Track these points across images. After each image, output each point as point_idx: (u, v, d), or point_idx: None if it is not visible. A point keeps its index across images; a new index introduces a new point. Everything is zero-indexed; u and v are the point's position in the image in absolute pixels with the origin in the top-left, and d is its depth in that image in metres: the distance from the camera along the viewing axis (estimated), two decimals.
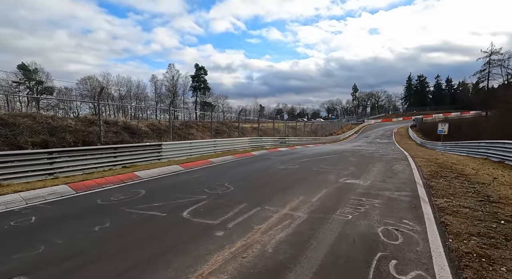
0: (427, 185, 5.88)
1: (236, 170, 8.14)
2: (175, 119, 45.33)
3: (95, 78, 57.31)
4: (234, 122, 22.72)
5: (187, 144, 11.58)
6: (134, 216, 3.79)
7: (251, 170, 8.14)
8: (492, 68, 50.15)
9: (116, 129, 11.30)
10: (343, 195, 4.89)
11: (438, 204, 4.36)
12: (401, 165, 9.04)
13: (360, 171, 7.53)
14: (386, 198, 4.73)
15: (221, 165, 9.21)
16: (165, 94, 68.08)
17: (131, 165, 8.74)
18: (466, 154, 13.78)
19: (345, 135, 42.93)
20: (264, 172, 7.75)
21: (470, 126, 34.27)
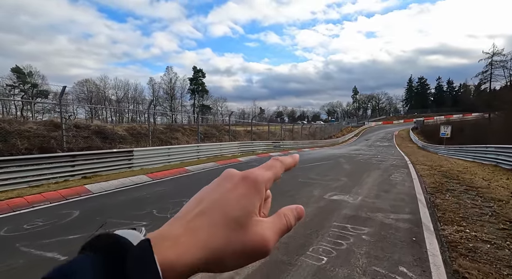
0: (431, 202, 4.79)
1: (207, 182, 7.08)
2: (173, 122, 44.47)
3: (92, 81, 56.68)
4: (226, 125, 21.74)
5: (165, 149, 10.54)
6: (21, 261, 2.73)
7: None
8: (494, 70, 49.15)
9: (86, 134, 10.29)
10: (323, 220, 3.81)
11: (447, 235, 3.27)
12: (400, 173, 7.95)
13: (352, 183, 6.45)
14: (379, 224, 3.66)
15: (196, 175, 8.15)
16: (163, 97, 67.45)
17: (93, 175, 7.70)
18: (472, 159, 12.66)
19: (345, 139, 41.81)
20: None
21: (474, 129, 33.12)
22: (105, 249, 0.20)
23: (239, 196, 0.26)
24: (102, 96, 57.03)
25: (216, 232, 0.24)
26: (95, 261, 0.19)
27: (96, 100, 55.81)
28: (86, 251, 0.20)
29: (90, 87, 55.01)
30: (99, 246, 0.20)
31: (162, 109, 66.40)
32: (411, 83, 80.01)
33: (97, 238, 0.20)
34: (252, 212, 0.26)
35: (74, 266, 0.18)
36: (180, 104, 69.65)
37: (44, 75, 50.23)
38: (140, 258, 0.20)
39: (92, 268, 0.18)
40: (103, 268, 0.19)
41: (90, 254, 0.19)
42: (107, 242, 0.20)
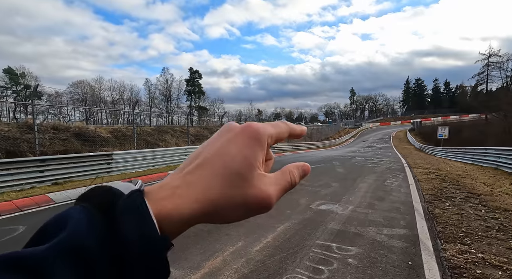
0: (430, 213, 4.27)
1: None
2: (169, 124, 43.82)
3: (87, 83, 55.88)
4: (218, 126, 21.18)
5: (149, 152, 9.96)
6: None
7: None
8: (491, 71, 49.05)
9: (65, 136, 9.69)
10: (305, 237, 3.27)
11: (449, 257, 2.75)
12: (396, 178, 7.44)
13: (343, 189, 5.92)
14: (369, 242, 3.12)
15: None
16: (159, 98, 66.89)
17: (65, 181, 7.12)
18: (471, 161, 12.20)
19: (342, 140, 41.41)
20: None
21: (471, 130, 32.86)
22: (96, 199, 0.20)
23: (240, 146, 0.25)
24: (97, 98, 56.30)
25: (216, 184, 0.23)
26: (87, 211, 0.19)
27: (91, 102, 55.07)
28: (79, 202, 0.20)
29: (85, 89, 54.23)
30: (92, 198, 0.20)
31: (158, 111, 65.83)
32: (408, 85, 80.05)
33: (90, 190, 0.21)
34: (254, 165, 0.24)
35: (64, 215, 0.18)
36: (176, 106, 69.08)
37: (37, 76, 49.39)
38: (131, 208, 0.19)
39: (82, 216, 0.18)
40: (95, 218, 0.19)
41: (81, 204, 0.20)
42: (99, 194, 0.20)
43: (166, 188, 0.23)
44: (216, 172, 0.23)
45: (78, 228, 0.18)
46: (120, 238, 0.18)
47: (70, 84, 53.58)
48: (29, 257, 0.16)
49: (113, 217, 0.19)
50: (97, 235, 0.18)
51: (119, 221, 0.19)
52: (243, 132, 0.26)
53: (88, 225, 0.18)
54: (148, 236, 0.19)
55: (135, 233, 0.19)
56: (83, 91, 53.64)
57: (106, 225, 0.18)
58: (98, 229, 0.18)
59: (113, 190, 0.20)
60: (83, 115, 55.45)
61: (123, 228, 0.18)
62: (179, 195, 0.22)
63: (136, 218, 0.19)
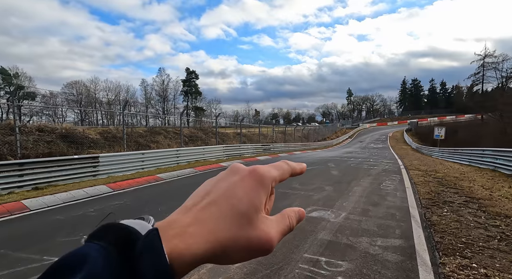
0: (427, 220, 4.02)
1: (177, 192, 6.23)
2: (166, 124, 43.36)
3: (82, 83, 55.17)
4: (214, 127, 20.84)
5: (138, 154, 9.63)
6: None
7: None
8: (487, 71, 49.27)
9: (50, 138, 9.33)
10: (292, 250, 3.00)
11: (449, 274, 2.48)
12: (392, 181, 7.21)
13: (337, 194, 5.66)
14: (362, 255, 2.86)
15: (168, 183, 7.28)
16: (156, 99, 66.45)
17: (47, 186, 6.77)
18: (468, 162, 12.04)
19: (339, 140, 41.30)
20: None
21: (467, 130, 32.90)
22: (114, 238, 0.19)
23: (247, 189, 0.26)
24: (92, 99, 55.69)
25: (225, 224, 0.24)
26: (104, 249, 0.19)
27: (86, 102, 54.44)
28: (93, 239, 0.19)
29: (80, 89, 53.59)
30: (107, 235, 0.20)
31: (155, 112, 65.32)
32: (405, 85, 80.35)
33: (104, 227, 0.20)
34: (259, 208, 0.26)
35: (82, 253, 0.18)
36: (173, 107, 68.68)
37: (31, 76, 48.70)
38: (149, 247, 0.19)
39: (101, 256, 0.18)
40: (112, 257, 0.18)
41: (98, 242, 0.19)
42: (115, 232, 0.20)
43: (176, 225, 0.23)
44: (224, 213, 0.24)
45: (95, 267, 0.17)
46: (138, 276, 0.18)
47: (64, 85, 52.84)
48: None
49: (131, 256, 0.19)
50: (114, 274, 0.18)
51: (139, 260, 0.19)
52: (250, 176, 0.27)
53: (106, 264, 0.18)
54: (164, 274, 0.19)
55: (152, 272, 0.19)
56: (78, 92, 52.98)
57: (123, 263, 0.18)
58: (115, 268, 0.18)
59: (129, 228, 0.20)
60: (78, 116, 54.77)
61: (142, 267, 0.18)
62: (190, 234, 0.22)
63: (155, 257, 0.19)
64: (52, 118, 41.25)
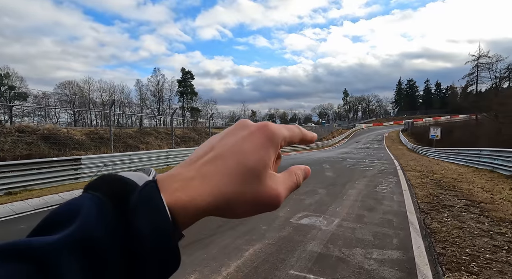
0: (427, 227, 3.70)
1: None
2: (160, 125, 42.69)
3: (76, 83, 54.20)
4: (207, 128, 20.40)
5: (125, 156, 9.20)
6: None
7: None
8: (481, 72, 49.70)
9: (31, 139, 8.85)
10: (277, 265, 2.64)
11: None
12: (388, 183, 6.90)
13: (330, 197, 5.32)
14: (355, 272, 2.51)
15: None
16: (151, 99, 65.75)
17: (22, 190, 6.31)
18: (465, 163, 11.84)
19: (335, 141, 41.13)
20: None
21: (462, 130, 32.99)
22: (109, 190, 0.19)
23: (256, 144, 0.25)
24: (86, 99, 54.81)
25: (230, 179, 0.23)
26: (99, 200, 0.18)
27: (80, 103, 53.53)
28: (89, 190, 0.19)
29: (73, 90, 52.67)
30: (102, 187, 0.19)
31: (150, 112, 64.57)
32: (401, 86, 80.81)
33: (100, 178, 0.20)
34: (267, 165, 0.25)
35: (75, 204, 0.18)
36: (168, 107, 68.05)
37: (22, 77, 47.70)
38: (145, 200, 0.19)
39: (94, 206, 0.18)
40: (107, 209, 0.18)
41: (93, 193, 0.19)
42: (110, 183, 0.19)
43: (179, 178, 0.22)
44: (230, 168, 0.23)
45: (88, 219, 0.17)
46: (133, 231, 0.18)
47: (57, 85, 51.88)
48: (37, 247, 0.15)
49: (126, 209, 0.18)
50: (109, 227, 0.17)
51: (133, 213, 0.18)
52: (259, 131, 0.25)
53: (99, 216, 0.17)
54: (162, 229, 0.18)
55: (149, 226, 0.18)
56: (71, 92, 52.05)
57: (118, 217, 0.18)
58: (110, 221, 0.17)
59: (125, 180, 0.20)
60: (71, 117, 53.73)
61: (137, 221, 0.18)
62: (194, 187, 0.22)
63: (151, 211, 0.18)
64: (44, 119, 40.38)
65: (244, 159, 0.23)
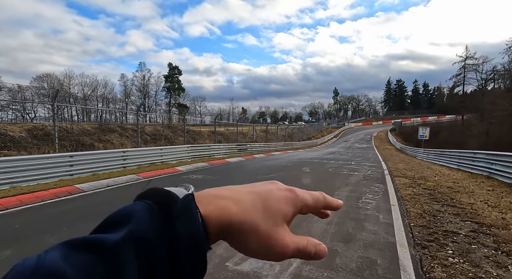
0: (427, 276, 2.47)
1: (82, 215, 4.40)
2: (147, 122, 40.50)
3: (55, 77, 50.91)
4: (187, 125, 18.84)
5: (65, 157, 7.63)
6: None
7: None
8: (467, 73, 50.07)
9: None
10: None
11: None
12: (374, 193, 5.72)
13: (296, 219, 4.05)
14: None
15: (82, 199, 5.39)
16: (136, 95, 63.11)
17: None
18: (457, 166, 10.93)
19: (324, 140, 40.34)
20: None
21: (450, 130, 32.82)
22: (157, 199, 0.23)
23: (281, 199, 0.28)
24: (66, 93, 51.70)
25: (256, 212, 0.26)
26: (149, 207, 0.22)
27: (59, 97, 50.43)
28: (141, 199, 0.23)
29: (52, 83, 49.47)
30: (152, 196, 0.23)
31: (135, 108, 61.90)
32: (390, 86, 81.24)
33: (149, 190, 0.24)
34: (286, 217, 0.28)
35: (131, 208, 0.22)
36: (154, 103, 65.57)
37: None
38: (185, 208, 0.23)
39: (147, 212, 0.22)
40: (156, 213, 0.22)
41: (145, 201, 0.23)
42: (158, 194, 0.24)
43: (213, 194, 0.26)
44: (258, 205, 0.27)
45: (143, 221, 0.21)
46: (174, 235, 0.21)
47: (34, 78, 48.59)
48: (103, 242, 0.19)
49: (171, 216, 0.22)
50: (158, 229, 0.21)
51: (175, 220, 0.22)
52: (286, 190, 0.29)
53: (151, 220, 0.21)
54: (196, 235, 0.22)
55: (186, 231, 0.22)
56: (49, 85, 48.88)
57: (165, 221, 0.22)
58: (158, 224, 0.21)
59: (169, 192, 0.24)
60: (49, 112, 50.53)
61: (178, 227, 0.22)
62: (224, 203, 0.25)
63: (189, 218, 0.22)
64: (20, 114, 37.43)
65: (270, 202, 0.27)
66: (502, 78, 42.93)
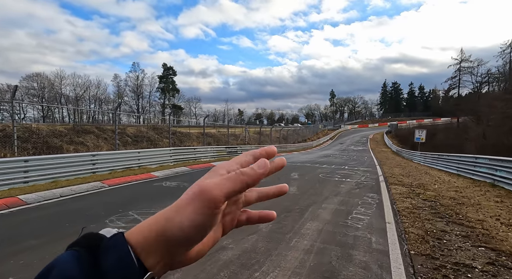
0: None
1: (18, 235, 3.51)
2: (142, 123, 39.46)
3: (45, 76, 49.55)
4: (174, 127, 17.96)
5: (19, 162, 6.71)
6: None
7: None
8: (463, 75, 50.04)
9: None
10: None
11: None
12: (367, 207, 4.92)
13: (269, 244, 3.22)
14: None
15: (33, 212, 4.50)
16: (129, 95, 61.95)
17: None
18: (456, 171, 10.24)
19: (319, 142, 39.66)
20: None
21: (445, 133, 32.40)
22: (84, 243, 0.24)
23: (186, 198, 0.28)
24: (56, 93, 50.42)
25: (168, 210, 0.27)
26: (75, 253, 0.23)
27: (49, 97, 49.13)
28: (69, 247, 0.25)
29: (43, 83, 48.13)
30: (79, 242, 0.25)
31: (128, 108, 60.76)
32: (386, 88, 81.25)
33: (81, 237, 0.26)
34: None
35: (58, 259, 0.23)
36: (148, 104, 64.43)
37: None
38: (112, 245, 0.24)
39: (73, 259, 0.23)
40: (82, 257, 0.23)
41: (72, 248, 0.24)
42: (86, 238, 0.25)
43: (138, 224, 0.27)
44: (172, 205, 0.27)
45: (66, 270, 0.22)
46: (104, 270, 0.22)
47: (23, 77, 47.18)
48: None
49: (98, 254, 0.23)
50: (83, 269, 0.22)
51: (101, 260, 0.23)
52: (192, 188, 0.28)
53: (76, 262, 0.22)
54: (126, 266, 0.23)
55: (114, 268, 0.23)
56: (39, 85, 47.55)
57: (91, 261, 0.23)
58: (84, 265, 0.22)
59: (99, 235, 0.25)
60: (39, 113, 49.04)
61: (105, 265, 0.23)
62: (143, 226, 0.26)
63: (116, 255, 0.23)
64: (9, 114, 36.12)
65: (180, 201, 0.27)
66: (497, 81, 42.95)
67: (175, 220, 0.25)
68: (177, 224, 0.25)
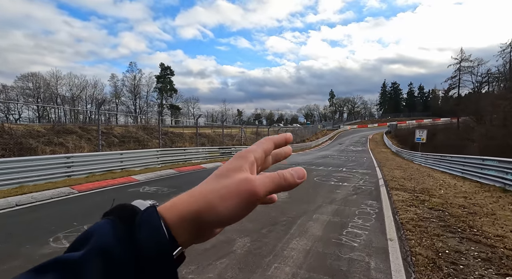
0: None
1: None
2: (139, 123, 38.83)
3: (41, 76, 48.75)
4: (165, 127, 17.32)
5: None
6: None
7: None
8: (463, 75, 49.44)
9: None
10: None
11: None
12: (365, 218, 4.26)
13: (242, 272, 2.56)
14: None
15: None
16: (126, 95, 61.19)
17: None
18: (461, 174, 9.59)
19: (318, 142, 39.00)
20: None
21: (445, 133, 31.80)
22: (120, 213, 0.25)
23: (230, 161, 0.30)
24: (52, 93, 49.64)
25: (206, 187, 0.28)
26: (111, 222, 0.24)
27: (45, 97, 48.35)
28: (104, 216, 0.26)
29: (38, 83, 47.35)
30: (114, 212, 0.26)
31: (126, 109, 60.02)
32: (385, 88, 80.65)
33: (115, 207, 0.27)
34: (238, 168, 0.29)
35: (96, 226, 0.24)
36: (146, 104, 63.71)
37: None
38: (145, 218, 0.25)
39: (109, 226, 0.24)
40: (118, 225, 0.24)
41: (107, 217, 0.25)
42: (120, 209, 0.26)
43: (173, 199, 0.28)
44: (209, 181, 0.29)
45: (104, 235, 0.23)
46: (137, 242, 0.23)
47: (18, 77, 46.35)
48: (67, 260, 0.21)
49: (132, 227, 0.24)
50: (120, 241, 0.23)
51: (137, 230, 0.24)
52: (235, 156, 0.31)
53: (113, 233, 0.23)
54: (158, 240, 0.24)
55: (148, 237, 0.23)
56: (35, 85, 46.77)
57: (126, 231, 0.24)
58: (120, 234, 0.23)
59: (133, 207, 0.26)
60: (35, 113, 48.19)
61: (139, 234, 0.23)
62: (180, 202, 0.27)
63: (150, 228, 0.24)
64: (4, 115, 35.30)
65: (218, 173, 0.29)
66: (496, 80, 42.37)
67: (217, 208, 0.26)
68: (218, 212, 0.26)
